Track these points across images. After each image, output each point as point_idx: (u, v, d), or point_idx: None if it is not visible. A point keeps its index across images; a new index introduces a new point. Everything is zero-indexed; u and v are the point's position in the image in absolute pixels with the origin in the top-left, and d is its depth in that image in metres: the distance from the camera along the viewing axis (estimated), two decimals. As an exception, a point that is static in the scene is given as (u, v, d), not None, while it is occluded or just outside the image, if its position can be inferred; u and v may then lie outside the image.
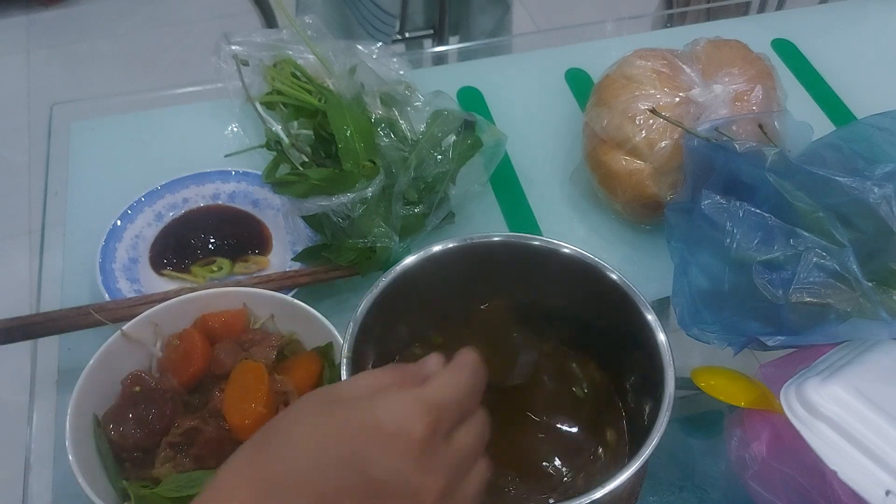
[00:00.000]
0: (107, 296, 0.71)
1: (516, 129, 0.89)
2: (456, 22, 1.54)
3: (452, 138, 0.79)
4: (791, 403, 0.56)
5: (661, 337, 0.57)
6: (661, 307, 0.67)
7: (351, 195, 0.71)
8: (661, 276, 0.72)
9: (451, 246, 0.62)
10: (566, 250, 0.62)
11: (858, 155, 0.67)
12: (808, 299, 0.59)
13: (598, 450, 0.61)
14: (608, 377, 0.65)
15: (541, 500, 0.58)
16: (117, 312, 0.67)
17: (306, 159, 0.78)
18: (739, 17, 1.18)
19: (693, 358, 0.69)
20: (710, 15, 1.36)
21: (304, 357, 0.64)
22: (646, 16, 1.36)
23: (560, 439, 0.62)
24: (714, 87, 0.76)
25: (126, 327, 0.63)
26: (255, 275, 0.75)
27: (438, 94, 0.84)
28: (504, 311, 0.67)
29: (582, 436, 0.62)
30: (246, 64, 0.85)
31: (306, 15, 0.86)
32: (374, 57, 0.86)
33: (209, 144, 0.89)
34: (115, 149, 0.90)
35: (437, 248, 0.62)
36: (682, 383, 0.56)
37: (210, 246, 0.79)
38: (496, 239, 0.63)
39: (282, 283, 0.72)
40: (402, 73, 0.87)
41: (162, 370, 0.63)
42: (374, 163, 0.73)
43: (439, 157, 0.77)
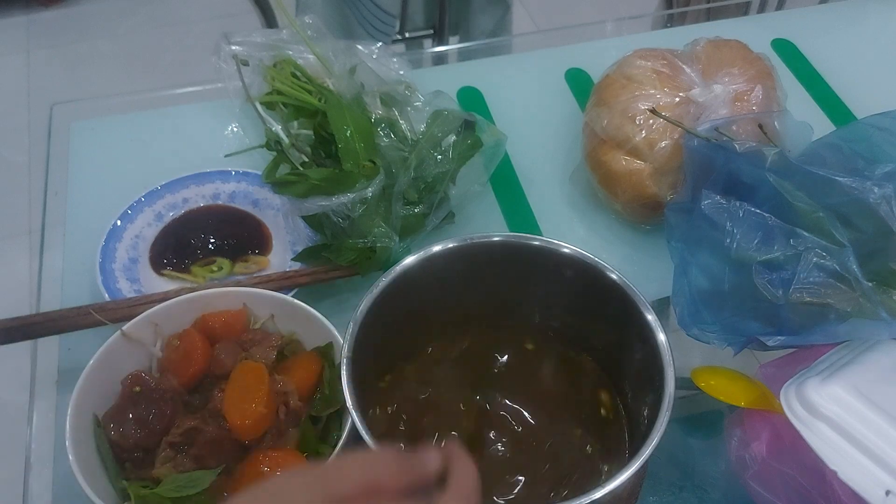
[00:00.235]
0: (107, 296, 0.71)
1: (516, 129, 0.89)
2: (456, 22, 1.54)
3: (452, 138, 0.79)
4: (791, 403, 0.56)
5: (661, 337, 0.57)
6: (661, 307, 0.67)
7: (351, 195, 0.71)
8: (661, 276, 0.72)
9: (451, 246, 0.62)
10: (566, 250, 0.62)
11: (858, 155, 0.67)
12: (808, 299, 0.59)
13: (598, 449, 0.61)
14: (608, 377, 0.65)
15: (542, 500, 0.58)
16: (117, 312, 0.67)
17: (306, 159, 0.78)
18: (739, 17, 1.18)
19: (693, 358, 0.69)
20: (710, 15, 1.36)
21: (304, 357, 0.64)
22: (646, 16, 1.36)
23: (559, 438, 0.62)
24: (714, 87, 0.76)
25: (126, 327, 0.63)
26: (255, 275, 0.75)
27: (438, 94, 0.84)
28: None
29: (582, 435, 0.62)
30: (246, 64, 0.85)
31: (306, 15, 0.86)
32: (374, 57, 0.86)
33: (209, 144, 0.89)
34: (115, 149, 0.90)
35: (437, 248, 0.62)
36: (682, 383, 0.56)
37: (210, 246, 0.79)
38: (496, 239, 0.63)
39: (282, 283, 0.72)
40: (402, 73, 0.87)
41: (162, 370, 0.63)
42: (374, 163, 0.73)
43: (439, 157, 0.77)
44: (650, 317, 0.58)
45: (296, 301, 0.65)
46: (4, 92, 2.30)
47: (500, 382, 0.65)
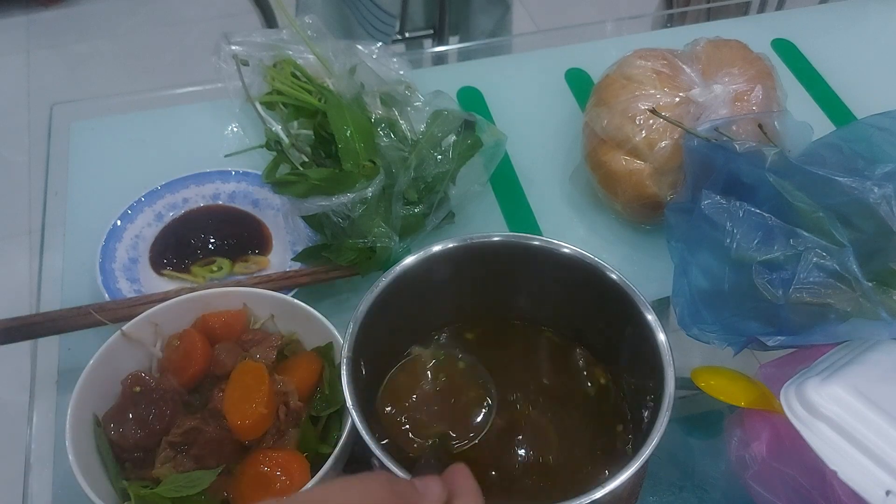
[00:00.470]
0: (107, 296, 0.71)
1: (516, 129, 0.89)
2: (456, 22, 1.54)
3: (452, 138, 0.79)
4: (791, 403, 0.56)
5: (661, 337, 0.57)
6: (661, 307, 0.67)
7: (351, 195, 0.71)
8: (661, 276, 0.72)
9: (451, 246, 0.62)
10: (566, 250, 0.62)
11: (858, 155, 0.67)
12: (808, 299, 0.59)
13: (597, 449, 0.61)
14: (608, 376, 0.65)
15: (542, 499, 0.58)
16: (117, 312, 0.67)
17: (306, 159, 0.78)
18: (739, 17, 1.18)
19: (693, 358, 0.69)
20: (710, 15, 1.36)
21: (304, 357, 0.64)
22: (646, 16, 1.36)
23: (559, 438, 0.62)
24: (714, 87, 0.76)
25: (126, 327, 0.63)
26: (255, 275, 0.75)
27: (438, 94, 0.84)
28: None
29: (581, 434, 0.62)
30: (246, 64, 0.85)
31: (306, 15, 0.86)
32: (374, 57, 0.86)
33: (209, 144, 0.89)
34: (115, 149, 0.90)
35: (437, 248, 0.62)
36: (682, 383, 0.56)
37: (210, 246, 0.79)
38: (496, 239, 0.63)
39: (282, 283, 0.72)
40: (402, 73, 0.87)
41: (162, 370, 0.63)
42: (374, 163, 0.73)
43: (439, 157, 0.77)
44: (650, 317, 0.58)
45: (296, 301, 0.65)
46: (4, 92, 2.30)
47: (500, 381, 0.65)
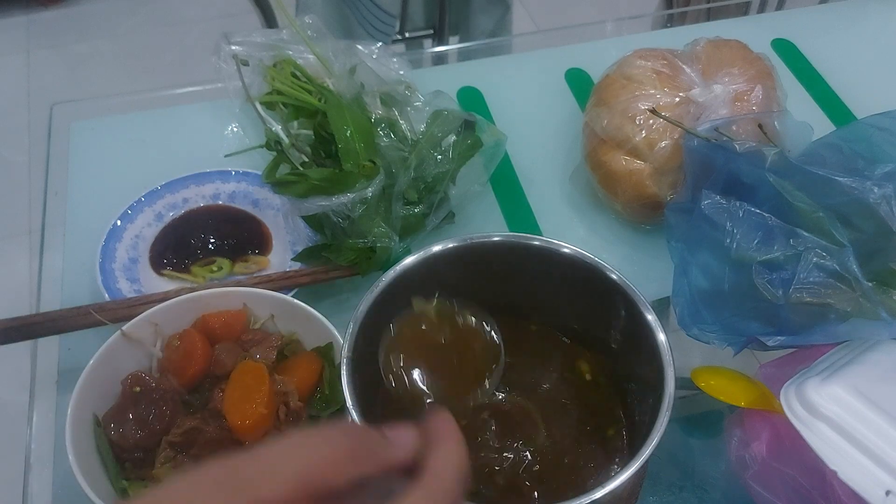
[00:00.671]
0: (107, 296, 0.71)
1: (516, 129, 0.89)
2: (456, 22, 1.54)
3: (452, 138, 0.79)
4: (791, 403, 0.56)
5: (661, 337, 0.57)
6: (661, 307, 0.67)
7: (351, 195, 0.71)
8: (661, 276, 0.72)
9: (451, 246, 0.62)
10: (566, 250, 0.62)
11: (858, 155, 0.67)
12: (808, 299, 0.59)
13: (597, 449, 0.61)
14: (608, 376, 0.65)
15: (542, 499, 0.58)
16: (117, 312, 0.67)
17: (306, 159, 0.78)
18: (739, 17, 1.18)
19: (693, 358, 0.69)
20: (710, 15, 1.36)
21: (304, 357, 0.64)
22: (646, 16, 1.36)
23: (559, 438, 0.62)
24: (714, 87, 0.76)
25: (126, 327, 0.63)
26: (255, 275, 0.75)
27: (438, 94, 0.84)
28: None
29: (581, 434, 0.62)
30: (246, 64, 0.85)
31: (306, 15, 0.86)
32: (374, 57, 0.86)
33: (209, 144, 0.89)
34: (115, 149, 0.90)
35: (437, 248, 0.62)
36: (682, 383, 0.56)
37: (210, 246, 0.79)
38: (496, 239, 0.63)
39: (282, 283, 0.72)
40: (402, 73, 0.87)
41: (162, 370, 0.63)
42: (374, 163, 0.73)
43: (439, 157, 0.77)
44: (650, 317, 0.58)
45: (296, 301, 0.65)
46: (4, 92, 2.30)
47: (500, 381, 0.65)
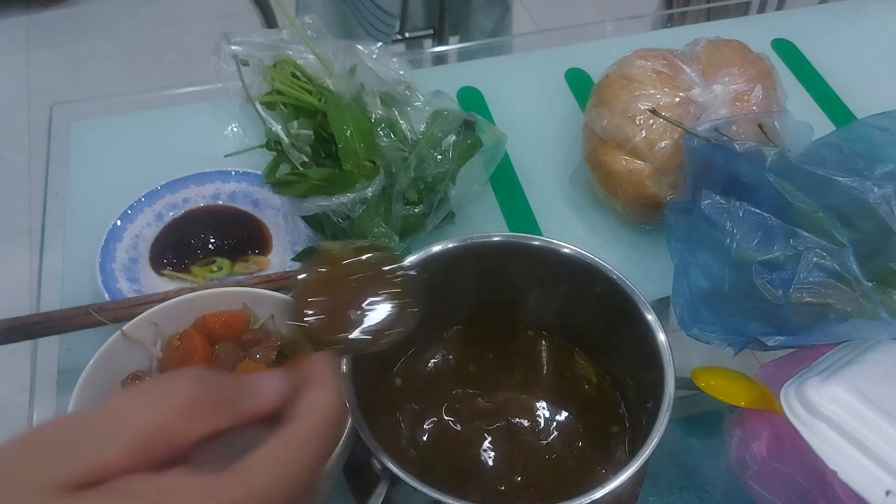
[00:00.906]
0: (107, 296, 0.71)
1: (516, 129, 0.89)
2: (456, 22, 1.54)
3: (452, 138, 0.79)
4: (791, 403, 0.56)
5: (661, 337, 0.57)
6: (661, 307, 0.67)
7: (351, 195, 0.71)
8: (661, 276, 0.72)
9: (451, 246, 0.62)
10: (566, 250, 0.62)
11: (858, 155, 0.67)
12: (808, 299, 0.59)
13: (597, 449, 0.61)
14: (608, 376, 0.65)
15: (541, 500, 0.58)
16: (117, 312, 0.67)
17: (306, 159, 0.78)
18: (739, 17, 1.18)
19: (693, 358, 0.69)
20: (710, 15, 1.36)
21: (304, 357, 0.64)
22: (646, 16, 1.36)
23: (559, 438, 0.62)
24: (714, 87, 0.76)
25: (126, 327, 0.63)
26: (255, 275, 0.75)
27: (438, 94, 0.84)
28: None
29: (581, 434, 0.62)
30: (246, 64, 0.85)
31: (306, 15, 0.86)
32: (374, 57, 0.86)
33: (209, 144, 0.89)
34: (115, 149, 0.90)
35: (437, 248, 0.62)
36: (682, 383, 0.56)
37: (210, 246, 0.79)
38: (496, 239, 0.63)
39: (282, 283, 0.72)
40: (402, 73, 0.87)
41: (162, 370, 0.63)
42: (374, 163, 0.73)
43: (439, 157, 0.77)
44: (650, 317, 0.58)
45: (296, 301, 0.65)
46: (4, 92, 2.30)
47: (500, 381, 0.65)
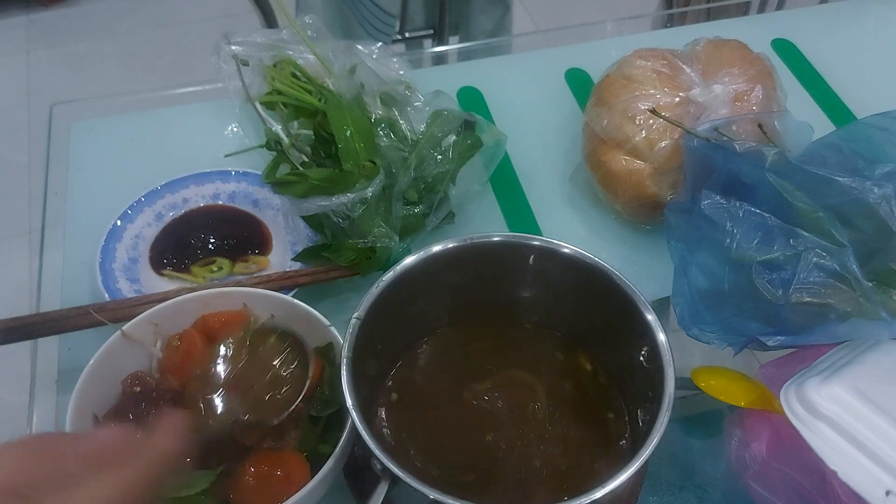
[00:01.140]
0: (107, 296, 0.71)
1: (516, 129, 0.89)
2: (456, 22, 1.54)
3: (452, 138, 0.79)
4: (791, 403, 0.56)
5: (661, 337, 0.57)
6: (661, 307, 0.67)
7: (351, 195, 0.71)
8: (661, 276, 0.72)
9: (451, 246, 0.62)
10: (566, 250, 0.62)
11: (858, 155, 0.67)
12: (808, 299, 0.59)
13: (597, 449, 0.61)
14: (608, 376, 0.65)
15: (541, 500, 0.58)
16: (117, 312, 0.67)
17: (306, 159, 0.78)
18: (739, 17, 1.18)
19: (693, 358, 0.69)
20: (710, 15, 1.36)
21: (305, 357, 0.64)
22: (646, 16, 1.36)
23: (559, 438, 0.62)
24: (714, 87, 0.76)
25: (126, 327, 0.63)
26: (255, 275, 0.75)
27: (438, 94, 0.84)
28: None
29: (581, 434, 0.62)
30: (246, 64, 0.85)
31: (306, 15, 0.86)
32: (374, 57, 0.86)
33: (209, 144, 0.89)
34: (115, 149, 0.90)
35: (437, 248, 0.62)
36: (682, 383, 0.56)
37: (210, 246, 0.79)
38: (496, 239, 0.63)
39: (282, 283, 0.72)
40: (402, 73, 0.87)
41: (162, 370, 0.63)
42: (374, 163, 0.73)
43: (439, 157, 0.77)
44: (650, 317, 0.58)
45: (296, 301, 0.65)
46: (4, 92, 2.30)
47: (500, 381, 0.65)
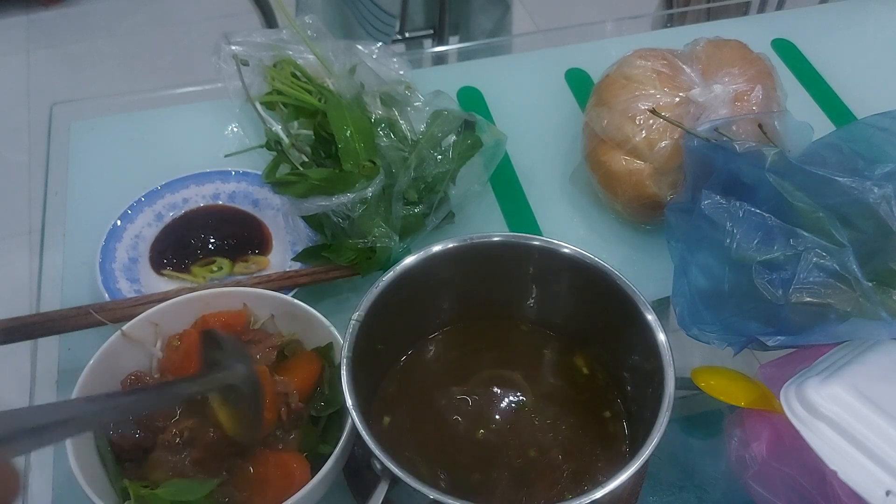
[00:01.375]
0: (107, 296, 0.71)
1: (516, 129, 0.89)
2: (456, 22, 1.54)
3: (452, 138, 0.79)
4: (791, 403, 0.56)
5: (661, 337, 0.57)
6: (661, 307, 0.67)
7: (351, 195, 0.71)
8: (661, 276, 0.72)
9: (451, 246, 0.62)
10: (566, 250, 0.62)
11: (858, 155, 0.67)
12: (808, 299, 0.59)
13: (597, 449, 0.61)
14: (608, 377, 0.65)
15: (541, 500, 0.58)
16: (117, 312, 0.67)
17: (306, 159, 0.78)
18: (739, 17, 1.18)
19: (693, 358, 0.68)
20: (710, 15, 1.36)
21: (304, 357, 0.64)
22: (646, 16, 1.36)
23: (560, 439, 0.62)
24: (714, 87, 0.76)
25: (126, 327, 0.63)
26: (255, 275, 0.75)
27: (438, 94, 0.84)
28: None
29: (581, 435, 0.62)
30: (246, 64, 0.85)
31: (306, 15, 0.86)
32: (374, 57, 0.86)
33: (209, 144, 0.89)
34: (115, 149, 0.90)
35: (437, 248, 0.62)
36: (682, 383, 0.56)
37: (210, 246, 0.79)
38: (496, 239, 0.63)
39: (282, 283, 0.72)
40: (402, 73, 0.87)
41: (162, 371, 0.63)
42: (374, 163, 0.73)
43: (439, 157, 0.77)
44: (650, 317, 0.58)
45: (296, 301, 0.65)
46: (4, 92, 2.30)
47: (500, 382, 0.65)
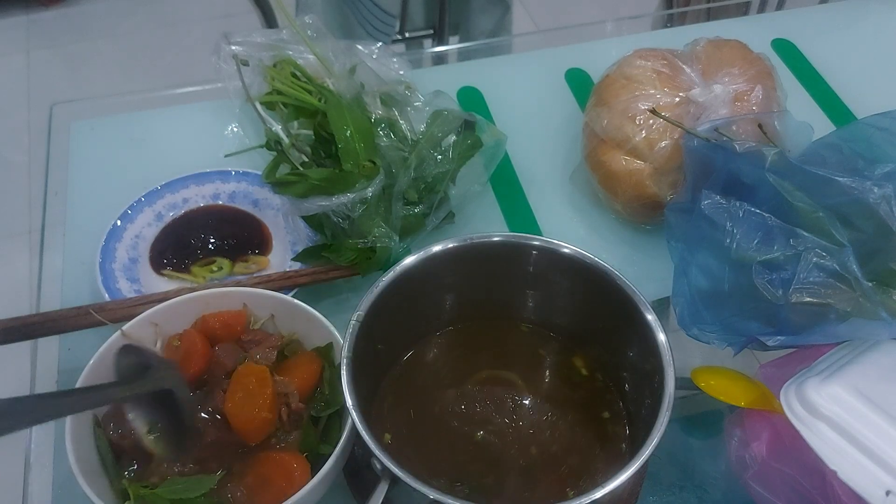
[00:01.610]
0: (107, 296, 0.71)
1: (516, 129, 0.89)
2: (456, 22, 1.54)
3: (452, 138, 0.79)
4: (791, 403, 0.56)
5: (661, 337, 0.57)
6: (661, 307, 0.67)
7: (351, 195, 0.71)
8: (661, 276, 0.72)
9: (451, 246, 0.62)
10: (566, 250, 0.62)
11: (858, 155, 0.67)
12: (808, 299, 0.59)
13: (597, 449, 0.61)
14: (608, 377, 0.65)
15: (541, 499, 0.58)
16: (117, 312, 0.67)
17: (306, 159, 0.78)
18: (739, 17, 1.18)
19: (693, 358, 0.69)
20: (710, 15, 1.36)
21: (304, 357, 0.64)
22: (646, 16, 1.36)
23: (559, 439, 0.62)
24: (714, 87, 0.76)
25: (126, 327, 0.63)
26: (255, 275, 0.75)
27: (438, 94, 0.84)
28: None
29: (582, 435, 0.62)
30: (246, 64, 0.85)
31: (306, 15, 0.86)
32: (374, 57, 0.86)
33: (209, 144, 0.89)
34: (115, 149, 0.90)
35: (437, 248, 0.62)
36: (682, 383, 0.56)
37: (210, 246, 0.79)
38: (496, 239, 0.63)
39: (282, 283, 0.72)
40: (402, 73, 0.87)
41: (162, 370, 0.63)
42: (374, 163, 0.73)
43: (439, 157, 0.77)
44: (650, 317, 0.58)
45: (296, 301, 0.65)
46: (4, 92, 2.30)
47: (500, 381, 0.65)
